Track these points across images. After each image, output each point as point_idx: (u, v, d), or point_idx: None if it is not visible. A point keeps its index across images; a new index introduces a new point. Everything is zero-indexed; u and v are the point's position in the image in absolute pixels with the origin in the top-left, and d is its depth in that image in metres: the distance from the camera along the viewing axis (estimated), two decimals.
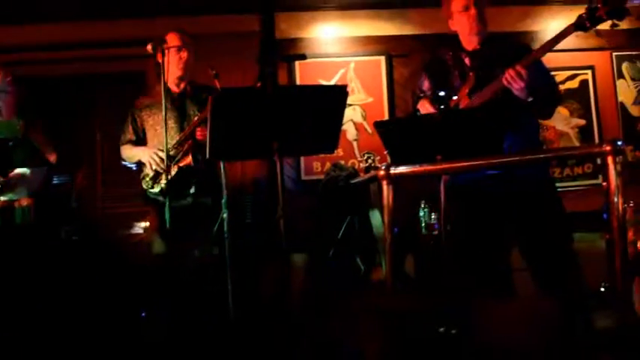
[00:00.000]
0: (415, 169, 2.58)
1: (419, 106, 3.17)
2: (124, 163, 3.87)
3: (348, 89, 5.15)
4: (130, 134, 3.77)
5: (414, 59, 5.18)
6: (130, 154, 3.78)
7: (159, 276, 3.35)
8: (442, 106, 3.03)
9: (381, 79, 5.28)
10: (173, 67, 3.65)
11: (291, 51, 5.17)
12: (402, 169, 2.53)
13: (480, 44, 3.12)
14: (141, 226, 4.83)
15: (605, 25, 2.72)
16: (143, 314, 3.17)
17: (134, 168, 3.80)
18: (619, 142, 2.06)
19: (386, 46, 5.34)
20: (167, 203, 3.23)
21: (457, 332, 2.80)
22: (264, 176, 4.51)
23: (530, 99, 2.80)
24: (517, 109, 2.84)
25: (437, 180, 2.68)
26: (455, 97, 3.01)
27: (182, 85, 3.73)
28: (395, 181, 2.53)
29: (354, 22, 5.31)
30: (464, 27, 3.12)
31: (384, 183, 2.54)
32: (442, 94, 3.06)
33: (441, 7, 3.26)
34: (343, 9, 5.27)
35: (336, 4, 5.20)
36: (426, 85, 3.31)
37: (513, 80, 2.74)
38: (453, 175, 2.82)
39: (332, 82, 5.18)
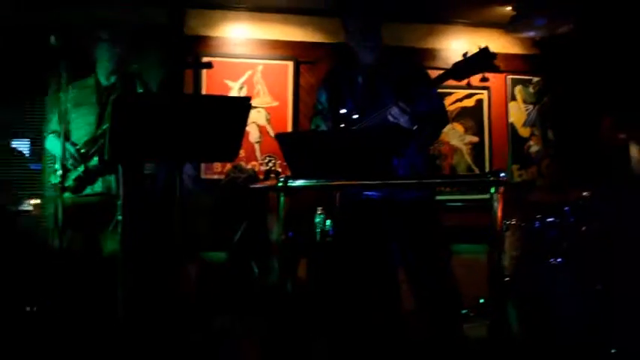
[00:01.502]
0: (311, 184, 2.67)
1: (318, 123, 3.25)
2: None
3: (254, 91, 5.23)
4: (55, 124, 3.68)
5: (321, 67, 5.27)
6: (50, 145, 3.72)
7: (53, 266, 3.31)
8: (341, 125, 3.13)
9: (287, 84, 5.33)
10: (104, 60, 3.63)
11: (200, 48, 5.17)
12: (298, 182, 2.62)
13: (374, 62, 3.23)
14: (30, 203, 4.73)
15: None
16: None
17: None
18: (502, 174, 2.21)
19: (294, 51, 5.40)
20: (59, 200, 3.17)
21: None
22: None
23: (414, 127, 2.96)
24: (403, 134, 2.98)
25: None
26: (352, 116, 3.12)
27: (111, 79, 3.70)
28: (292, 192, 2.61)
29: (265, 25, 5.36)
30: (358, 46, 3.23)
31: (282, 195, 2.62)
32: (343, 111, 3.17)
33: None
34: (255, 11, 5.31)
35: (249, 5, 5.23)
36: (323, 97, 3.41)
37: (399, 115, 2.88)
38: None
39: (238, 84, 5.20)
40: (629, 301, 3.84)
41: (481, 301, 4.43)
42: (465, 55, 2.84)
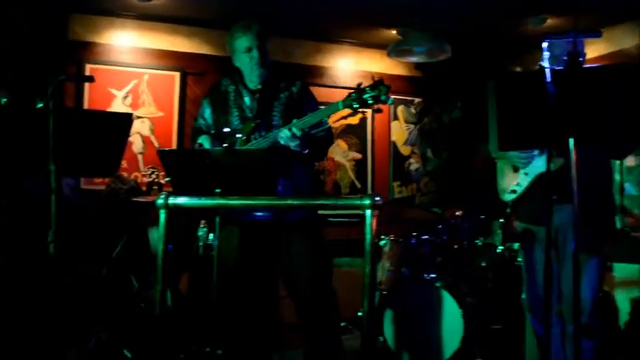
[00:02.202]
0: (193, 203, 2.67)
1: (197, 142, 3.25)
2: None
3: (139, 101, 5.14)
4: None
5: (208, 79, 5.25)
6: None
7: None
8: (224, 144, 3.15)
9: (173, 95, 5.28)
10: None
11: (84, 55, 5.02)
12: (180, 200, 2.60)
13: (261, 84, 3.26)
14: None
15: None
16: None
17: None
18: (377, 198, 2.30)
19: (182, 62, 5.35)
20: None
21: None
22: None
23: (306, 151, 3.03)
24: (290, 156, 3.05)
25: None
26: (236, 135, 3.15)
27: None
28: (174, 209, 2.60)
29: (153, 34, 5.28)
30: (245, 67, 3.24)
31: (162, 212, 2.60)
32: (226, 130, 3.19)
33: None
34: (143, 19, 5.22)
35: (136, 13, 5.14)
36: (207, 112, 3.40)
37: (290, 140, 2.94)
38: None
39: (123, 92, 5.09)
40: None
41: (359, 314, 4.57)
42: (358, 85, 2.90)
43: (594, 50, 5.05)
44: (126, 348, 3.91)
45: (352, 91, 2.90)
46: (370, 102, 2.85)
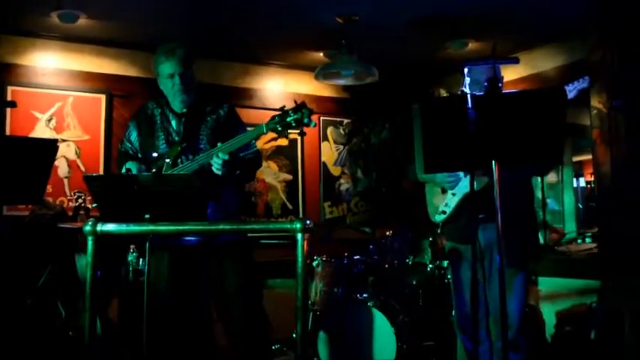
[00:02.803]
0: (122, 229, 2.62)
1: (124, 166, 3.20)
2: None
3: (64, 124, 5.02)
4: None
5: (135, 101, 5.17)
6: None
7: None
8: (153, 169, 3.12)
9: (100, 118, 5.17)
10: None
11: (5, 77, 4.87)
12: (109, 227, 2.56)
13: (186, 108, 3.24)
14: None
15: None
16: None
17: None
18: (308, 222, 2.32)
19: (108, 84, 5.26)
20: None
21: None
22: None
23: (237, 172, 3.04)
24: (218, 180, 3.04)
25: None
26: (165, 160, 3.12)
27: None
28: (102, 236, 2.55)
29: (77, 56, 5.18)
30: (168, 92, 3.23)
31: (90, 239, 2.55)
32: (154, 155, 3.16)
33: None
34: (67, 41, 5.11)
35: (60, 34, 5.03)
36: (133, 136, 3.37)
37: (219, 167, 2.95)
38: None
39: (47, 115, 4.96)
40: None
41: (293, 335, 4.56)
42: (281, 109, 2.94)
43: (513, 73, 5.25)
44: None
45: (276, 114, 2.93)
46: (293, 125, 2.89)
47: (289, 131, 2.97)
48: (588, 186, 6.04)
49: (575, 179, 6.00)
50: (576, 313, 4.60)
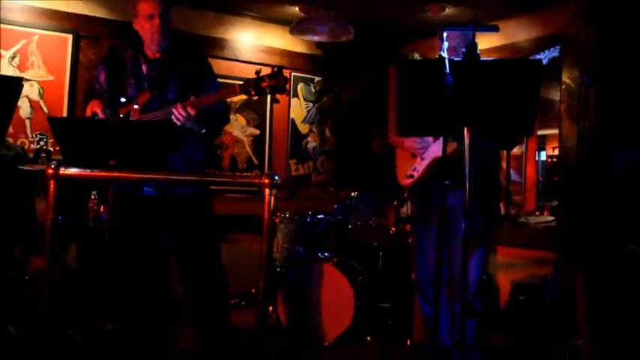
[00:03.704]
0: (85, 174, 2.57)
1: (89, 109, 3.12)
2: None
3: (28, 62, 4.87)
4: None
5: (102, 44, 5.04)
6: None
7: None
8: (121, 114, 3.04)
9: (65, 58, 5.01)
10: None
11: None
12: (72, 171, 2.50)
13: (160, 53, 3.18)
14: None
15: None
16: None
17: None
18: (276, 177, 2.30)
19: (75, 24, 5.07)
20: None
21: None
22: None
23: (203, 130, 2.99)
24: (184, 132, 2.99)
25: None
26: (131, 106, 3.05)
27: None
28: (64, 180, 2.50)
29: None
30: (146, 34, 3.14)
31: (52, 182, 2.49)
32: (123, 100, 3.08)
33: None
34: None
35: None
36: (102, 77, 3.27)
37: (183, 118, 2.89)
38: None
39: (10, 53, 4.78)
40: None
41: (253, 290, 4.58)
42: (257, 73, 2.88)
43: (488, 42, 5.23)
44: (10, 324, 3.73)
45: (251, 77, 2.87)
46: (267, 91, 2.85)
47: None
48: (549, 160, 6.12)
49: (537, 152, 6.07)
50: (531, 283, 4.70)
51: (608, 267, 4.01)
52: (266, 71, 2.87)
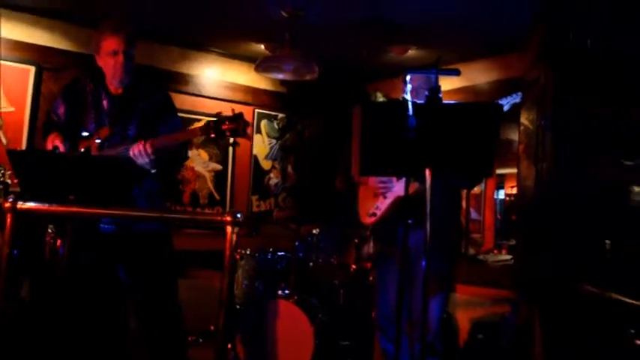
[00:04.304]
0: (43, 208, 2.53)
1: (49, 142, 3.09)
2: None
3: None
4: None
5: (65, 76, 4.99)
6: None
7: None
8: (81, 149, 3.02)
9: (26, 90, 4.94)
10: None
11: None
12: (30, 205, 2.46)
13: (122, 89, 3.16)
14: None
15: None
16: None
17: None
18: (238, 215, 2.30)
19: (38, 56, 5.04)
20: None
21: None
22: None
23: (153, 171, 2.97)
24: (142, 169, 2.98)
25: None
26: (92, 140, 3.03)
27: None
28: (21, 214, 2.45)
29: (7, 24, 4.93)
30: (109, 69, 3.12)
31: (9, 216, 2.45)
32: (85, 134, 3.05)
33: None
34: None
35: None
36: (61, 110, 3.24)
37: (140, 156, 2.88)
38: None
39: None
40: None
41: (212, 328, 4.52)
42: (218, 114, 2.88)
43: (450, 83, 5.34)
44: None
45: (211, 120, 2.87)
46: (228, 134, 2.85)
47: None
48: (507, 198, 6.22)
49: (496, 191, 6.17)
50: (490, 321, 4.74)
51: (565, 308, 4.07)
52: (227, 113, 2.88)
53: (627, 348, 2.46)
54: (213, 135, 2.85)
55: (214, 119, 2.85)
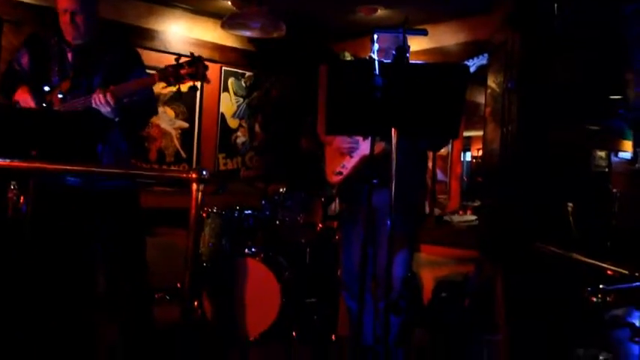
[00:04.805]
0: (4, 163, 2.48)
1: (17, 95, 3.03)
2: None
3: None
4: None
5: (26, 29, 4.83)
6: None
7: None
8: (43, 103, 2.96)
9: None
10: None
11: None
12: None
13: (84, 42, 3.10)
14: None
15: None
16: None
17: None
18: (204, 172, 2.29)
19: None
20: None
21: None
22: None
23: (117, 119, 2.93)
24: (106, 123, 2.93)
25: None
26: (55, 94, 2.97)
27: None
28: None
29: None
30: (65, 27, 3.07)
31: None
32: (46, 88, 2.99)
33: None
34: None
35: None
36: (24, 60, 3.17)
37: (102, 105, 2.83)
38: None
39: None
40: None
41: (179, 285, 4.53)
42: (177, 59, 2.85)
43: (417, 44, 5.32)
44: None
45: (169, 64, 2.85)
46: (186, 78, 2.83)
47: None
48: (473, 160, 6.29)
49: (462, 153, 6.23)
50: (453, 280, 4.82)
51: (527, 267, 4.16)
52: (185, 59, 2.86)
53: (584, 305, 2.54)
54: (171, 79, 2.83)
55: (173, 64, 2.83)
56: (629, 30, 4.62)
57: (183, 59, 2.85)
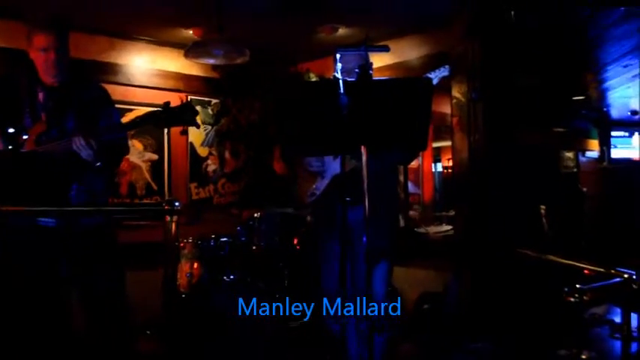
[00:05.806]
0: None
1: None
2: None
3: None
4: None
5: None
6: None
7: None
8: (10, 146, 2.92)
9: None
10: None
11: None
12: None
13: (58, 83, 3.08)
14: None
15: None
16: None
17: None
18: (176, 203, 2.29)
19: None
20: None
21: None
22: None
23: (98, 164, 2.91)
24: (83, 165, 2.91)
25: None
26: (24, 137, 2.94)
27: None
28: None
29: None
30: (41, 65, 3.03)
31: None
32: (11, 131, 2.95)
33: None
34: None
35: None
36: None
37: (83, 148, 2.81)
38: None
39: None
40: None
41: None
42: (166, 104, 2.83)
43: (380, 60, 5.40)
44: None
45: (157, 110, 2.83)
46: (179, 124, 2.83)
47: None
48: (444, 171, 6.35)
49: (433, 164, 6.29)
50: (434, 291, 4.84)
51: (504, 272, 4.19)
52: (175, 103, 2.85)
53: (560, 305, 2.57)
54: (162, 124, 2.82)
55: (161, 109, 2.82)
56: (587, 32, 4.72)
57: (173, 104, 2.83)
